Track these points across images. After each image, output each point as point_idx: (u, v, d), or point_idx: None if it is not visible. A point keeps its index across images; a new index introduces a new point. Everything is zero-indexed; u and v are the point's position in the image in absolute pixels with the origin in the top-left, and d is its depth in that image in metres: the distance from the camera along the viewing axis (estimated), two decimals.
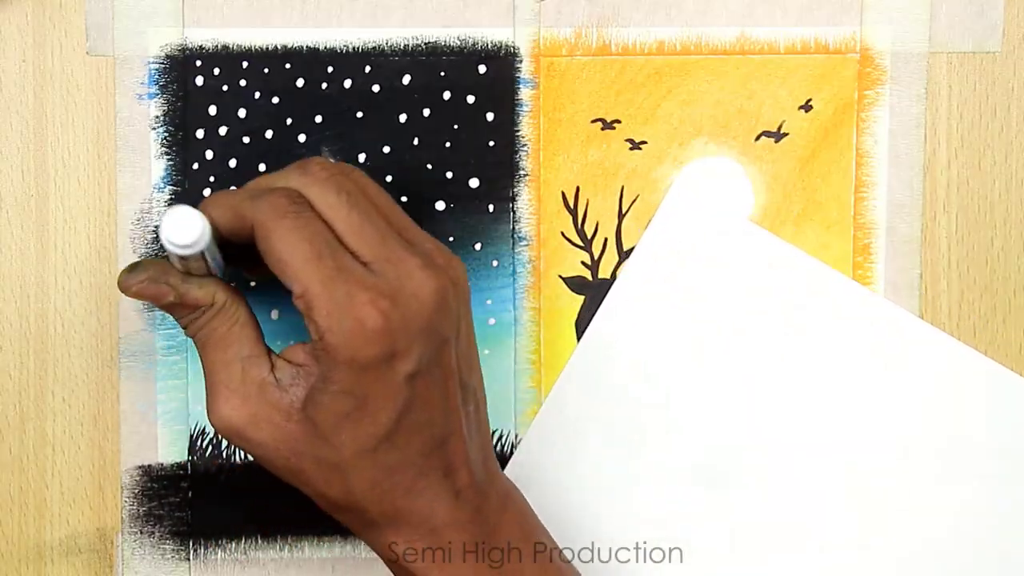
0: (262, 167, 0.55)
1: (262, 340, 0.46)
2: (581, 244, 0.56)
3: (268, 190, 0.45)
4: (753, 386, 0.55)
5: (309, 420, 0.44)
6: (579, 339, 0.56)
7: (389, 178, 0.55)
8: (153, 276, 0.45)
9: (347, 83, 0.55)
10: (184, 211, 0.42)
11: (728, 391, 0.55)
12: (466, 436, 0.46)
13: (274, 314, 0.55)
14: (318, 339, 0.43)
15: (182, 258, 0.44)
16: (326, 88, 0.55)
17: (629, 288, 0.55)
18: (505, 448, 0.55)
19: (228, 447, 0.55)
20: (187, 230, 0.42)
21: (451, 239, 0.55)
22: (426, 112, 0.55)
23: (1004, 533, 0.55)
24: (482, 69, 0.55)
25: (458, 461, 0.46)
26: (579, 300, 0.55)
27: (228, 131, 0.55)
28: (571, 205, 0.55)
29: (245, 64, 0.54)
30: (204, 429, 0.55)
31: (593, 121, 0.55)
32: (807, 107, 0.55)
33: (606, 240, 0.56)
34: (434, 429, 0.45)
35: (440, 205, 0.55)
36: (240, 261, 0.48)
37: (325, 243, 0.43)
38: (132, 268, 0.46)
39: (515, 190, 0.55)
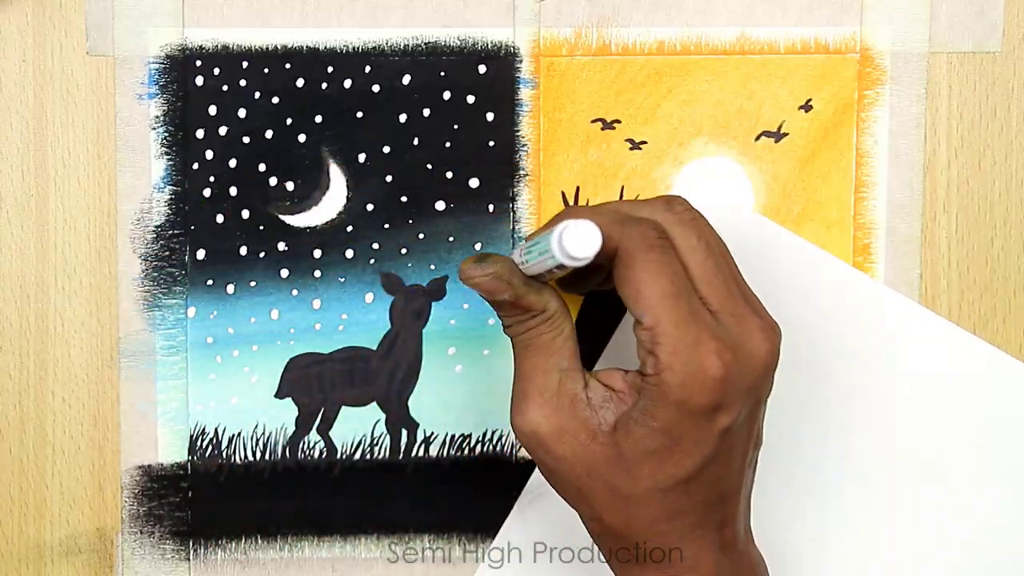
0: (262, 167, 0.55)
1: (579, 357, 0.46)
2: None
3: (636, 219, 0.45)
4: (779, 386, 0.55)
5: (615, 446, 0.45)
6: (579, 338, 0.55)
7: (389, 178, 0.55)
8: (499, 273, 0.45)
9: (347, 83, 0.55)
10: (586, 226, 0.42)
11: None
12: (742, 496, 0.47)
13: (274, 313, 0.55)
14: (654, 374, 0.44)
15: (559, 266, 0.44)
16: (326, 88, 0.55)
17: None
18: (505, 447, 0.55)
19: (228, 447, 0.55)
20: (586, 245, 0.42)
21: (451, 239, 0.55)
22: (426, 112, 0.55)
23: (1005, 529, 0.55)
24: (482, 69, 0.55)
25: (730, 517, 0.47)
26: (579, 300, 0.55)
27: (228, 131, 0.55)
28: (571, 205, 0.55)
29: (245, 64, 0.54)
30: (204, 429, 0.55)
31: (593, 121, 0.55)
32: (807, 107, 0.55)
33: None
34: (723, 484, 0.46)
35: (440, 205, 0.55)
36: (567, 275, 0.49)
37: (683, 284, 0.44)
38: (481, 259, 0.46)
39: (515, 190, 0.55)
